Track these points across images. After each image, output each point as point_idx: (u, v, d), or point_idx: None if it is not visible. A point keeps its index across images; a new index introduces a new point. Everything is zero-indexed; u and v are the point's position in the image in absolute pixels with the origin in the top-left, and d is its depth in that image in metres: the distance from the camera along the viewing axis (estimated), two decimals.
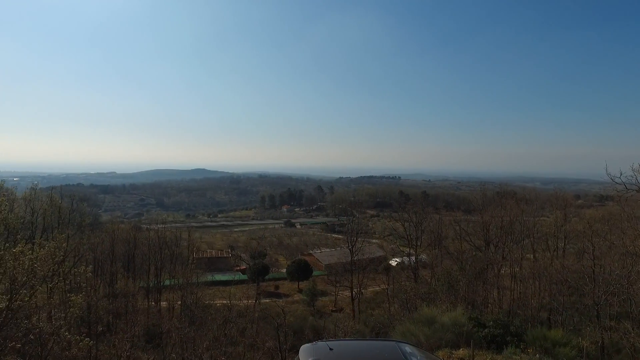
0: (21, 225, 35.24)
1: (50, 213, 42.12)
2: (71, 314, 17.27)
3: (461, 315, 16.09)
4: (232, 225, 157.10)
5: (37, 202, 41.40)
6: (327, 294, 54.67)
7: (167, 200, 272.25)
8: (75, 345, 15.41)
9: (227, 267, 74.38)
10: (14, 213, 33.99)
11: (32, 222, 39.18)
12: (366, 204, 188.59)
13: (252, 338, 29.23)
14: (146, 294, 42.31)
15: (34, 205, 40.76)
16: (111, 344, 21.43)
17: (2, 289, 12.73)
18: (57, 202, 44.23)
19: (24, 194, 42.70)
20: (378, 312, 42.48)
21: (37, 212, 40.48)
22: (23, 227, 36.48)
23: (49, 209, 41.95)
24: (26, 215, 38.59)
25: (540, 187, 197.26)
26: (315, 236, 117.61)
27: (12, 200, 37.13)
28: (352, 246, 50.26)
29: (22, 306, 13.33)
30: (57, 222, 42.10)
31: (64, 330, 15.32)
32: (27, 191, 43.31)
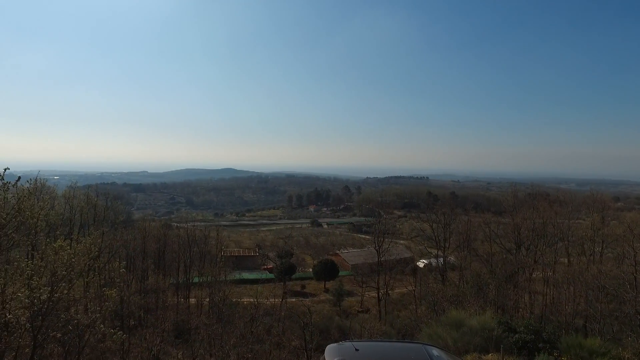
0: (60, 222, 36.78)
1: (87, 210, 43.80)
2: (106, 307, 17.89)
3: (490, 319, 15.72)
4: (259, 224, 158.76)
5: (75, 200, 43.13)
6: (354, 295, 54.47)
7: (197, 199, 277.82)
8: (110, 337, 15.97)
9: (254, 266, 75.25)
10: (55, 210, 35.50)
11: (70, 218, 40.81)
12: (393, 205, 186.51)
13: (278, 336, 29.50)
14: (176, 291, 43.31)
15: (72, 202, 42.47)
16: (142, 338, 22.05)
17: (44, 282, 13.34)
18: (93, 200, 45.94)
19: (63, 192, 44.61)
20: (405, 314, 42.01)
21: (75, 209, 42.17)
22: (62, 223, 38.04)
23: (85, 206, 43.64)
24: (65, 212, 40.25)
25: (575, 188, 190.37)
26: (342, 236, 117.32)
27: (53, 198, 38.89)
28: (379, 247, 49.88)
29: (61, 298, 13.93)
30: (92, 219, 43.72)
31: (99, 322, 15.89)
32: (66, 189, 45.23)
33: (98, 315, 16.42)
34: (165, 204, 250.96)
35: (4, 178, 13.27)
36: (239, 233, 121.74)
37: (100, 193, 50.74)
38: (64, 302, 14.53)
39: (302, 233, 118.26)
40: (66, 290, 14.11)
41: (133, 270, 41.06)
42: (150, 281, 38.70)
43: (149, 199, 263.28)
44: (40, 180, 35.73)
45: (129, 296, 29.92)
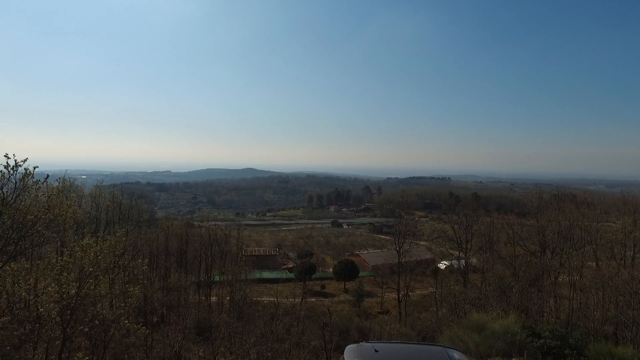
0: (87, 220, 37.87)
1: (112, 209, 45.01)
2: (130, 304, 18.29)
3: (514, 323, 15.35)
4: (280, 224, 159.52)
5: (101, 199, 44.34)
6: (373, 295, 54.17)
7: (218, 198, 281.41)
8: (134, 333, 16.34)
9: (274, 265, 75.66)
10: (82, 208, 36.49)
11: (96, 216, 41.98)
12: (414, 205, 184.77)
13: (297, 336, 29.53)
14: (197, 289, 43.89)
15: (99, 201, 43.67)
16: (165, 335, 22.43)
17: (73, 278, 13.75)
18: (118, 199, 47.15)
19: (90, 191, 45.90)
20: (425, 316, 41.53)
21: (101, 207, 43.36)
22: (89, 221, 39.18)
23: (111, 205, 44.84)
24: (92, 210, 41.42)
25: (604, 190, 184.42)
26: (362, 237, 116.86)
27: (80, 196, 40.09)
28: (400, 248, 49.44)
29: (88, 294, 14.33)
30: (117, 217, 44.85)
31: (123, 318, 16.28)
32: (93, 188, 46.51)
33: (122, 311, 16.83)
34: (188, 203, 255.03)
35: (34, 176, 13.69)
36: (260, 233, 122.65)
37: (125, 192, 52.10)
38: (91, 297, 14.93)
39: (322, 233, 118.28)
40: (93, 286, 14.51)
41: (156, 268, 41.82)
42: (172, 279, 39.30)
43: (172, 198, 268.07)
44: (68, 179, 36.83)
45: (152, 293, 30.50)
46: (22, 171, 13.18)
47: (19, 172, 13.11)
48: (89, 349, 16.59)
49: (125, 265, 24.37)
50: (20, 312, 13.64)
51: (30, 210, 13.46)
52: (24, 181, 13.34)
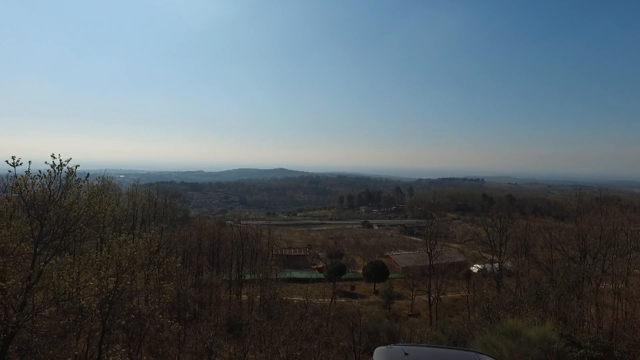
0: (124, 217, 39.27)
1: (148, 207, 46.46)
2: (164, 299, 18.86)
3: (551, 331, 14.75)
4: (310, 224, 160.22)
5: (137, 197, 45.89)
6: (404, 297, 53.52)
7: (250, 198, 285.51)
8: (167, 328, 16.79)
9: (304, 265, 76.02)
10: (120, 206, 37.89)
11: (133, 214, 43.47)
12: (446, 207, 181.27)
13: (327, 336, 29.52)
14: (228, 287, 44.67)
15: (135, 199, 45.21)
16: (197, 331, 22.91)
17: (111, 272, 14.33)
18: (154, 197, 48.62)
19: (127, 190, 47.61)
20: (457, 320, 40.65)
21: (137, 206, 44.86)
22: (126, 218, 40.62)
23: (146, 203, 46.31)
24: (129, 208, 42.92)
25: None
26: (392, 238, 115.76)
27: (118, 195, 41.62)
28: (431, 250, 48.65)
29: (125, 288, 14.87)
30: (153, 215, 46.24)
31: (158, 313, 16.77)
32: (130, 187, 48.24)
33: (157, 307, 17.35)
34: (220, 203, 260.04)
35: (76, 175, 14.34)
36: (290, 232, 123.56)
37: (160, 191, 53.57)
38: (127, 292, 15.47)
39: (352, 234, 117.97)
40: (129, 281, 15.03)
41: (189, 266, 42.82)
42: (204, 276, 40.18)
43: (205, 197, 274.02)
44: (107, 178, 38.31)
45: (185, 290, 31.24)
46: (66, 170, 13.87)
47: (63, 171, 13.80)
48: (126, 342, 17.21)
49: (159, 262, 25.09)
50: (64, 304, 14.37)
51: (73, 207, 14.10)
52: (67, 180, 14.01)
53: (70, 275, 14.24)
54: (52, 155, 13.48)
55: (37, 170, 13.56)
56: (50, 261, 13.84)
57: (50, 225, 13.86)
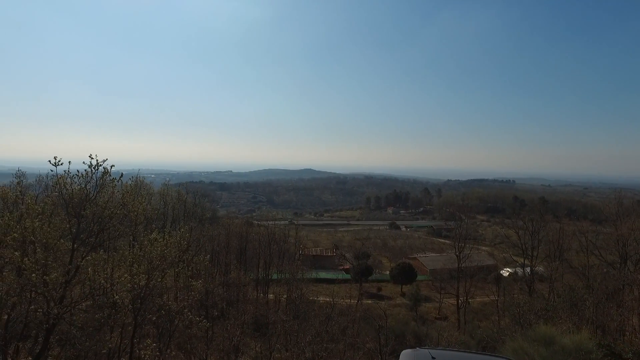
0: (156, 216, 40.42)
1: (178, 206, 47.68)
2: (192, 297, 19.26)
3: (588, 340, 14.14)
4: (337, 224, 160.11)
5: (168, 197, 47.14)
6: (431, 300, 52.77)
7: (277, 198, 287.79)
8: (196, 324, 17.21)
9: (331, 266, 76.04)
10: (151, 205, 39.03)
11: (164, 213, 44.67)
12: (476, 209, 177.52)
13: (352, 337, 29.46)
14: (255, 286, 45.19)
15: (166, 199, 46.45)
16: (224, 328, 23.32)
17: (142, 269, 14.83)
18: (184, 197, 49.83)
19: (158, 189, 49.00)
20: (486, 325, 39.76)
21: (168, 205, 46.08)
22: (157, 217, 41.81)
23: (177, 202, 47.52)
24: (160, 207, 44.15)
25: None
26: (420, 240, 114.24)
27: (150, 194, 42.87)
28: (460, 252, 47.80)
29: (156, 285, 15.37)
30: (183, 214, 47.40)
31: (187, 310, 17.21)
32: (161, 187, 49.65)
33: (186, 304, 17.79)
34: (248, 203, 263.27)
35: (111, 174, 14.93)
36: (317, 233, 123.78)
37: (190, 191, 54.88)
38: (158, 289, 15.96)
39: (379, 235, 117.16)
40: (160, 278, 15.51)
41: (217, 264, 43.55)
42: (232, 275, 40.74)
43: (233, 197, 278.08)
44: (139, 178, 39.54)
45: (213, 288, 31.83)
46: (101, 170, 14.48)
47: (99, 171, 14.41)
48: (156, 337, 17.71)
49: (189, 260, 25.68)
50: (99, 298, 14.98)
51: (108, 205, 14.69)
52: (103, 179, 14.61)
53: (104, 271, 14.86)
54: (90, 156, 14.11)
55: (75, 169, 14.22)
56: (86, 257, 14.49)
57: (87, 222, 14.51)
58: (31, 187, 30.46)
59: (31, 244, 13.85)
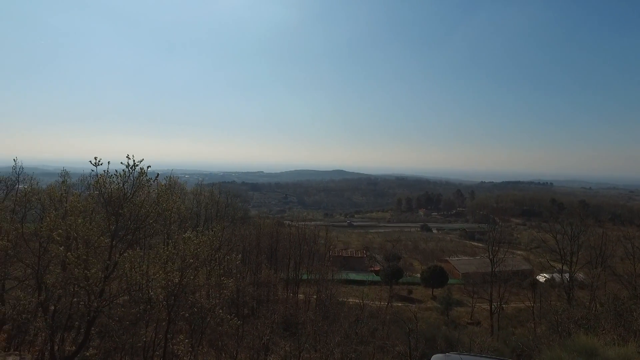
0: (189, 215, 41.47)
1: (211, 206, 48.76)
2: (224, 295, 19.72)
3: (635, 354, 13.31)
4: (367, 226, 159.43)
5: (201, 197, 48.31)
6: (463, 305, 51.64)
7: (308, 198, 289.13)
8: (227, 322, 17.55)
9: (361, 267, 75.75)
10: (185, 204, 40.10)
11: (197, 213, 45.79)
12: (511, 212, 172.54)
13: (382, 340, 29.25)
14: (285, 285, 45.57)
15: (199, 199, 47.62)
16: (254, 327, 23.64)
17: (176, 267, 15.29)
18: (216, 197, 50.92)
19: (191, 189, 50.30)
20: (521, 332, 38.51)
21: (201, 204, 47.19)
22: (190, 216, 42.87)
23: (209, 202, 48.62)
24: (193, 206, 45.29)
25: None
26: (452, 242, 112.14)
27: (183, 194, 44.12)
28: (493, 256, 46.52)
29: (188, 283, 15.79)
30: (215, 214, 48.43)
31: (218, 308, 17.59)
32: (194, 187, 50.95)
33: (218, 302, 18.22)
34: (279, 203, 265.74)
35: (147, 174, 15.47)
36: (348, 234, 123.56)
37: (222, 191, 55.98)
38: (191, 286, 16.39)
39: (410, 237, 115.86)
40: (192, 276, 15.93)
41: (248, 264, 44.21)
42: (262, 275, 41.29)
43: (264, 197, 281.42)
44: (174, 178, 40.73)
45: (244, 287, 32.35)
46: (138, 170, 15.04)
47: (136, 170, 14.97)
48: (189, 333, 18.20)
49: (221, 259, 26.24)
50: (135, 294, 15.56)
51: (144, 204, 15.24)
52: (139, 179, 15.17)
53: (140, 268, 15.41)
54: (127, 156, 14.67)
55: (114, 169, 14.84)
56: (124, 254, 15.08)
57: (124, 220, 15.10)
58: (75, 186, 31.98)
59: (74, 240, 14.56)
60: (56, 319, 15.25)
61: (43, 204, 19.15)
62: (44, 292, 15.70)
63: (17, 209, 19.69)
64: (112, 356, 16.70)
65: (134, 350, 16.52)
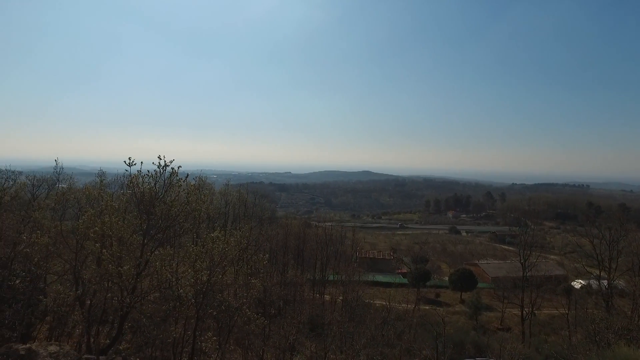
0: (217, 215, 42.25)
1: (238, 206, 49.49)
2: (251, 294, 19.92)
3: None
4: (395, 227, 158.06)
5: (229, 197, 49.12)
6: (493, 309, 50.39)
7: (335, 199, 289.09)
8: (254, 321, 17.79)
9: (388, 269, 75.10)
10: (213, 204, 40.86)
11: (225, 212, 46.55)
12: (543, 215, 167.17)
13: (409, 343, 28.91)
14: (312, 286, 45.72)
15: (227, 198, 48.41)
16: (281, 327, 23.83)
17: (205, 266, 15.62)
18: (244, 197, 51.63)
19: (220, 189, 51.21)
20: (554, 340, 37.25)
21: (229, 204, 47.97)
22: (219, 216, 43.67)
23: (237, 202, 49.37)
24: (221, 206, 46.09)
25: None
26: (482, 245, 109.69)
27: (212, 193, 44.94)
28: (525, 260, 45.17)
29: (216, 282, 16.11)
30: (243, 214, 49.12)
31: (245, 307, 17.84)
32: (222, 187, 51.85)
33: (245, 301, 18.45)
34: (306, 203, 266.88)
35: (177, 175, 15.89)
36: (375, 235, 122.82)
37: (250, 191, 56.70)
38: (219, 285, 16.70)
39: (438, 239, 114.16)
40: (220, 275, 16.24)
41: (275, 264, 44.61)
42: (289, 275, 41.56)
43: (291, 198, 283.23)
44: (202, 178, 41.57)
45: (271, 287, 32.64)
46: (169, 170, 15.47)
47: (167, 171, 15.42)
48: (216, 331, 18.53)
49: (248, 259, 26.59)
50: (165, 291, 16.00)
51: (174, 204, 15.65)
52: (170, 179, 15.60)
53: (170, 266, 15.83)
54: (159, 157, 15.12)
55: (146, 170, 15.33)
56: (154, 252, 15.53)
57: (155, 219, 15.56)
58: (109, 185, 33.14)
59: (108, 238, 15.11)
60: (92, 312, 15.89)
61: (80, 202, 19.97)
62: (81, 286, 16.40)
63: (57, 207, 20.64)
64: (143, 351, 17.23)
65: (163, 346, 16.98)
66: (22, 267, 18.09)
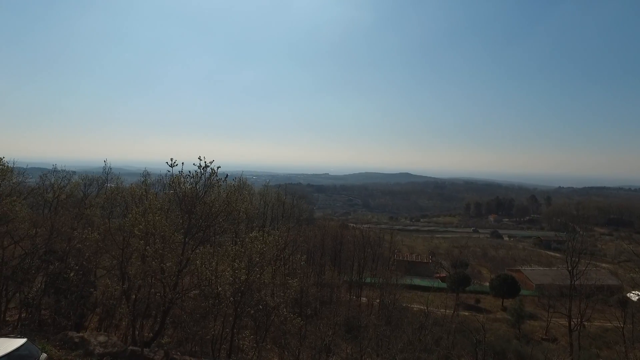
0: (256, 215, 42.99)
1: (277, 207, 50.15)
2: (288, 295, 20.13)
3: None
4: (434, 230, 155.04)
5: (268, 197, 49.88)
6: (537, 318, 48.27)
7: (372, 201, 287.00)
8: (290, 321, 17.97)
9: (426, 273, 73.72)
10: (252, 204, 41.64)
11: (264, 213, 47.31)
12: (594, 220, 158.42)
13: (447, 349, 28.23)
14: (349, 288, 45.58)
15: (266, 199, 49.18)
16: (317, 327, 23.91)
17: (243, 265, 15.96)
18: (282, 198, 52.27)
19: (259, 190, 52.10)
20: (607, 355, 35.19)
21: (267, 205, 48.71)
22: (257, 216, 44.43)
23: (276, 203, 50.03)
24: (260, 207, 46.88)
25: None
26: (525, 251, 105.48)
27: (251, 194, 45.81)
28: (573, 268, 42.92)
29: (254, 281, 16.41)
30: (281, 214, 49.73)
31: (282, 307, 18.05)
32: (261, 188, 52.74)
33: (282, 300, 18.67)
34: (344, 205, 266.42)
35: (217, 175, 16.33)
36: (413, 238, 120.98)
37: (288, 192, 57.35)
38: (256, 284, 17.01)
39: (479, 243, 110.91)
40: (258, 274, 16.52)
41: (312, 264, 44.79)
42: (326, 276, 41.65)
43: (329, 199, 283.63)
44: (243, 178, 42.45)
45: (308, 287, 32.80)
46: (209, 171, 15.94)
47: (207, 171, 15.89)
48: (253, 329, 18.86)
49: (285, 259, 26.91)
50: (205, 289, 16.47)
51: (214, 204, 16.10)
52: (210, 180, 16.06)
53: (210, 264, 16.28)
54: (199, 158, 15.60)
55: (187, 170, 15.87)
56: (195, 250, 16.03)
57: (196, 218, 16.07)
58: (153, 185, 34.54)
59: (152, 235, 15.76)
60: (137, 306, 16.60)
61: (126, 201, 20.96)
62: (127, 281, 17.19)
63: (106, 205, 21.77)
64: (183, 345, 17.82)
65: (203, 342, 17.47)
66: (76, 261, 19.23)
